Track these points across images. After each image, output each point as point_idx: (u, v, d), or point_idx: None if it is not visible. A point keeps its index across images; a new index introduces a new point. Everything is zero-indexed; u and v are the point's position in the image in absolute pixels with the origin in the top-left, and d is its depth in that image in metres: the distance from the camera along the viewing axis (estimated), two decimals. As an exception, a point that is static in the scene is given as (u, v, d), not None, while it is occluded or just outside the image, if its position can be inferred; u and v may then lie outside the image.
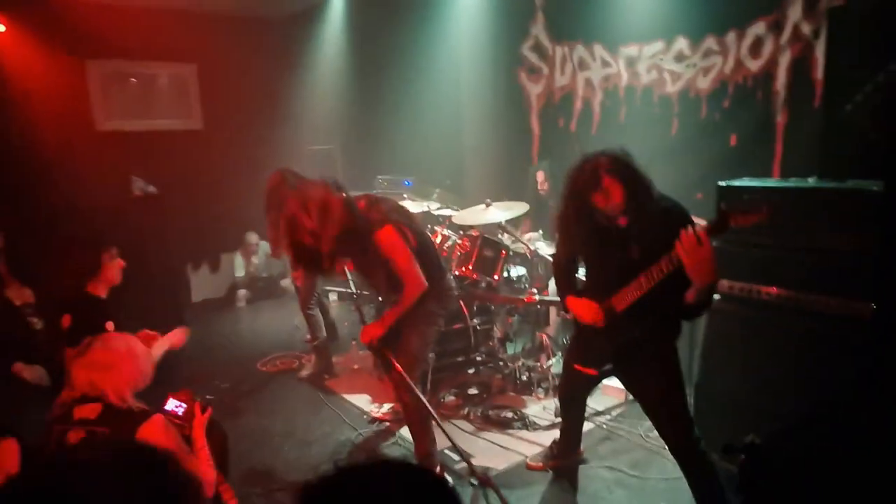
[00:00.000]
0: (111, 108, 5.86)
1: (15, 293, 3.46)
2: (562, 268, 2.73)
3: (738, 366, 2.84)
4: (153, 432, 1.93)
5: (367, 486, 0.81)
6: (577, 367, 2.66)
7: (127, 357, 2.07)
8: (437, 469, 3.04)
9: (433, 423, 2.81)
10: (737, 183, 2.94)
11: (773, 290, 2.73)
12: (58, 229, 4.43)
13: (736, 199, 2.74)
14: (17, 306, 3.43)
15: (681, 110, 4.56)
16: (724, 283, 2.87)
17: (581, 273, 2.79)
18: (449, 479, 3.03)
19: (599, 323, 2.44)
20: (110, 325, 2.83)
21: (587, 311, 2.47)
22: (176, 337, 2.87)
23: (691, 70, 4.45)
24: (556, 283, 2.78)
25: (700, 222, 2.18)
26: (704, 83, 4.40)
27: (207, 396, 4.21)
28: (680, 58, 4.51)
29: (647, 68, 4.72)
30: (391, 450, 3.45)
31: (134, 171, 5.81)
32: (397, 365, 2.78)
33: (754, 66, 4.12)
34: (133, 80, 6.05)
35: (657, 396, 2.47)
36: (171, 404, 2.18)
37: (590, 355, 2.61)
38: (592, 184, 2.26)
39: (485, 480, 2.79)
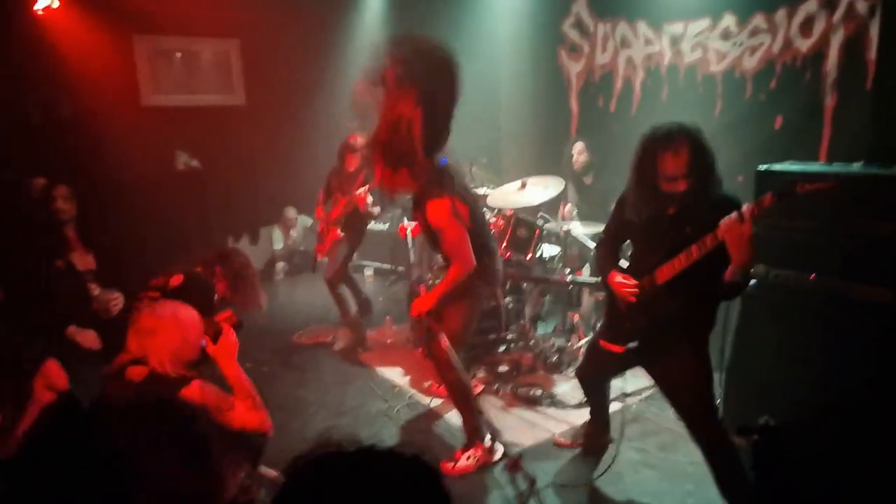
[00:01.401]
0: (157, 83, 6.01)
1: (79, 258, 3.63)
2: (607, 248, 2.71)
3: (771, 351, 2.81)
4: (191, 397, 2.01)
5: (352, 473, 0.80)
6: (602, 343, 2.65)
7: (171, 324, 2.10)
8: (488, 441, 3.07)
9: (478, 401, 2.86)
10: (778, 167, 2.87)
11: (811, 276, 2.68)
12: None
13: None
14: (79, 271, 3.59)
15: (725, 91, 4.45)
16: (761, 269, 2.83)
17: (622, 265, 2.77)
18: (501, 448, 3.10)
19: (636, 294, 2.45)
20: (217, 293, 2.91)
21: (626, 283, 2.48)
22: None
23: (737, 49, 4.33)
24: (598, 261, 2.77)
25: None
26: (751, 63, 4.27)
27: (246, 365, 4.38)
28: (726, 36, 4.39)
29: (691, 47, 4.61)
30: (428, 424, 3.53)
31: (178, 146, 5.97)
32: (442, 341, 2.82)
33: (804, 45, 3.98)
34: (178, 55, 6.18)
35: (682, 384, 2.47)
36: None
37: (619, 333, 2.60)
38: (664, 146, 2.26)
39: (512, 465, 2.86)
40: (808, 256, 2.70)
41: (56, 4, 5.15)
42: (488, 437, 3.10)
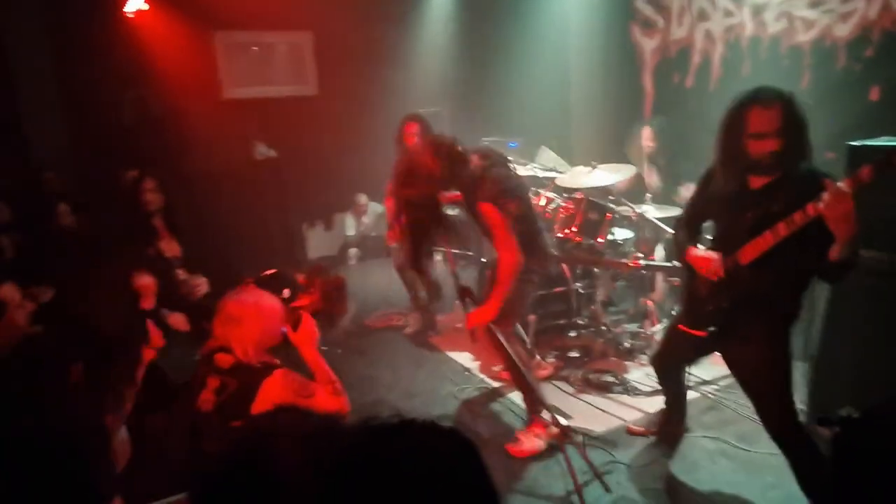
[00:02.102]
0: (236, 76, 6.27)
1: (167, 246, 3.89)
2: (688, 228, 2.60)
3: (862, 339, 2.64)
4: (274, 386, 2.07)
5: (395, 445, 0.84)
6: (681, 327, 2.55)
7: (254, 313, 2.16)
8: (546, 416, 3.00)
9: (534, 376, 2.93)
10: (872, 142, 2.67)
11: (910, 259, 2.48)
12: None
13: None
14: (167, 258, 3.85)
15: (814, 61, 4.16)
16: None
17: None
18: (560, 425, 3.01)
19: (720, 274, 2.34)
20: (286, 292, 3.07)
21: (708, 261, 2.37)
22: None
23: (828, 16, 4.03)
24: (676, 241, 2.65)
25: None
26: (843, 30, 3.97)
27: (322, 347, 4.55)
28: (815, 3, 4.10)
29: (775, 16, 4.33)
30: (494, 406, 3.56)
31: (256, 136, 6.22)
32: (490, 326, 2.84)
33: (906, 8, 3.66)
34: (255, 48, 6.41)
35: (760, 374, 2.35)
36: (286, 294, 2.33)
37: (699, 316, 2.49)
38: (754, 103, 2.16)
39: (563, 436, 2.79)
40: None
41: (146, 6, 5.46)
42: (545, 413, 3.04)
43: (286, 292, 2.88)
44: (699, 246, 2.53)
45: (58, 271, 3.51)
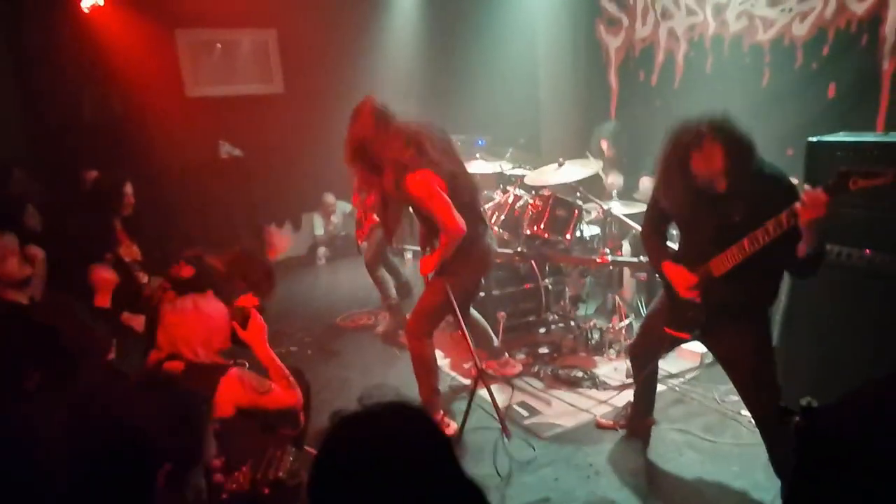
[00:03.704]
0: (199, 74, 6.14)
1: (125, 250, 3.80)
2: (654, 239, 2.64)
3: (820, 331, 2.71)
4: (231, 384, 2.07)
5: (379, 426, 0.97)
6: (667, 329, 2.57)
7: (194, 315, 2.17)
8: (439, 416, 3.22)
9: (438, 375, 3.22)
10: (830, 138, 2.74)
11: (867, 252, 2.56)
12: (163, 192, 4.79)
13: (855, 160, 2.53)
14: (126, 262, 3.76)
15: (773, 60, 4.26)
16: (811, 245, 2.72)
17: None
18: (453, 424, 3.19)
19: (697, 296, 2.38)
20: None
21: (684, 282, 2.41)
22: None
23: (787, 15, 4.14)
24: (648, 249, 2.69)
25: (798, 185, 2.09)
26: (801, 29, 4.08)
27: (291, 348, 4.48)
28: (774, 2, 4.20)
29: (736, 15, 4.43)
30: (461, 402, 3.55)
31: (220, 135, 6.11)
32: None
33: (860, 8, 3.78)
34: (218, 46, 6.29)
35: (747, 364, 2.40)
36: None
37: (681, 320, 2.52)
38: (693, 148, 2.18)
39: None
40: (863, 232, 2.58)
41: (101, 2, 5.30)
42: (441, 412, 3.23)
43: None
44: (670, 249, 2.58)
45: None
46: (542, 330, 4.28)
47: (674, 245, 2.68)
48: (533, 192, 4.23)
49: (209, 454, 1.05)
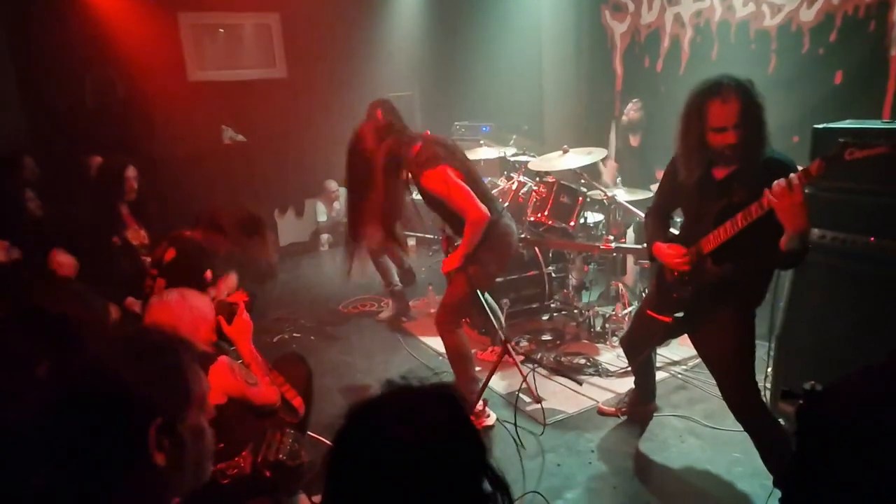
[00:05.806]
0: (201, 59, 6.11)
1: (133, 234, 3.80)
2: (656, 218, 2.64)
3: (825, 318, 2.70)
4: (222, 372, 2.06)
5: (403, 405, 0.98)
6: (650, 312, 2.61)
7: (180, 310, 2.15)
8: (477, 405, 3.16)
9: (474, 362, 3.19)
10: (836, 125, 2.72)
11: (871, 239, 2.55)
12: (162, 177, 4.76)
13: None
14: (134, 246, 3.76)
15: (780, 46, 4.23)
16: (816, 233, 2.71)
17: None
18: (493, 415, 3.18)
19: (685, 267, 2.39)
20: (208, 274, 3.02)
21: (673, 255, 2.42)
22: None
23: (794, 1, 4.09)
24: (646, 231, 2.70)
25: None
26: (808, 15, 4.04)
27: (295, 334, 4.49)
28: (781, -12, 4.15)
29: (743, 1, 4.38)
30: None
31: (223, 120, 6.09)
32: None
33: (868, -7, 3.73)
34: (221, 30, 6.25)
35: (725, 357, 2.42)
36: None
37: (665, 302, 2.56)
38: (712, 95, 2.17)
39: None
40: (867, 218, 2.57)
41: (104, -14, 5.27)
42: (482, 402, 3.19)
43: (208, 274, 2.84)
44: (670, 232, 2.58)
45: (26, 261, 3.42)
46: (546, 317, 4.28)
47: (676, 234, 2.68)
48: (537, 178, 4.21)
49: (199, 392, 1.05)
